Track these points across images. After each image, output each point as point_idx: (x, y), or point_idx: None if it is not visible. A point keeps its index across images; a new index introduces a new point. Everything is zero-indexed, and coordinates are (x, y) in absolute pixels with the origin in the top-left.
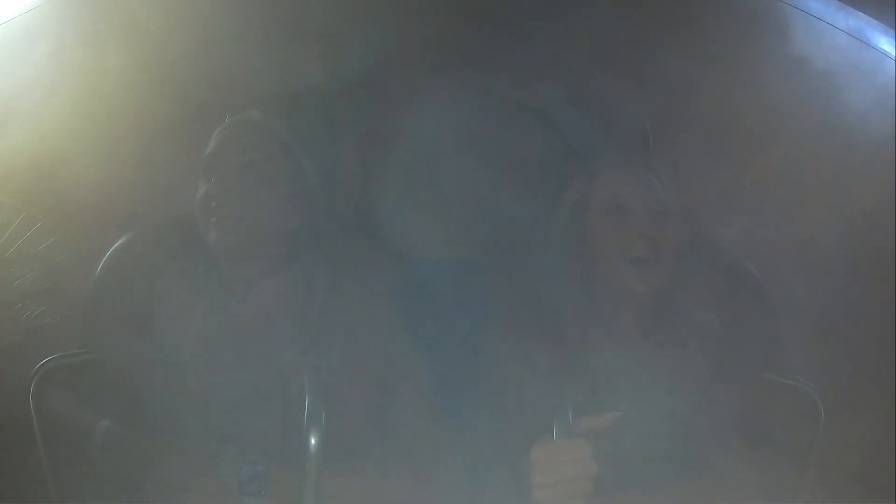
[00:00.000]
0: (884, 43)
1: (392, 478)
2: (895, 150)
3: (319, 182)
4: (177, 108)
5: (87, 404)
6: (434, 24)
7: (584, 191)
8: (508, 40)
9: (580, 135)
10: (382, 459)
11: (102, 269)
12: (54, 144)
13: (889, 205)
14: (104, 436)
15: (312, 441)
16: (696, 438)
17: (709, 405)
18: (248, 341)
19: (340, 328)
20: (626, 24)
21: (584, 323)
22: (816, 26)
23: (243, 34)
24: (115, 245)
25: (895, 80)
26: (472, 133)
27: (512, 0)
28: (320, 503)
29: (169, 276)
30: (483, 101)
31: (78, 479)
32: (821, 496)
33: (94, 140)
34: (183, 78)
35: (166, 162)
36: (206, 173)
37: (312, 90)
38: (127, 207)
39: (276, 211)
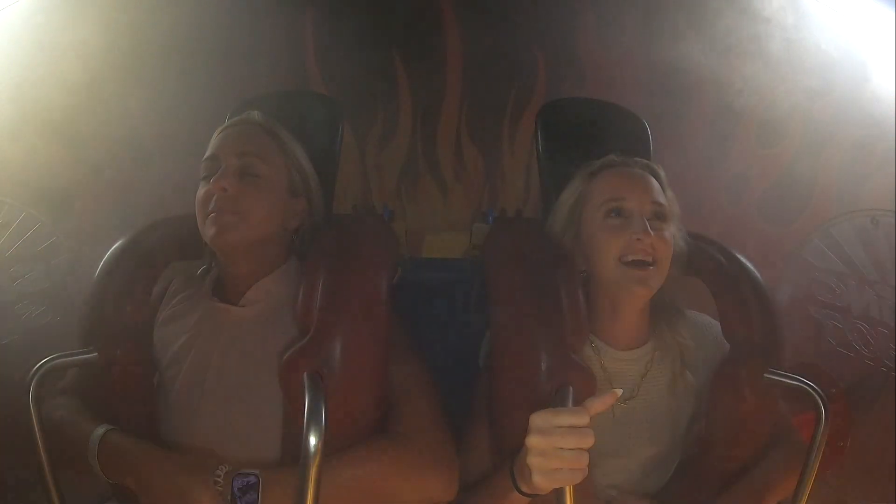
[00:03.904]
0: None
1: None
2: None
3: (318, 181)
4: (178, 108)
5: (86, 404)
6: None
7: (582, 191)
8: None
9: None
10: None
11: (102, 268)
12: (54, 144)
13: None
14: (103, 436)
15: (312, 441)
16: (695, 438)
17: (708, 405)
18: (247, 340)
19: (340, 327)
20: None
21: (583, 323)
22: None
23: (245, 34)
24: (116, 245)
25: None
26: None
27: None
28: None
29: (169, 274)
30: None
31: (77, 480)
32: (822, 496)
33: (94, 140)
34: (184, 78)
35: (167, 161)
36: (206, 173)
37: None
38: (128, 207)
39: (276, 210)
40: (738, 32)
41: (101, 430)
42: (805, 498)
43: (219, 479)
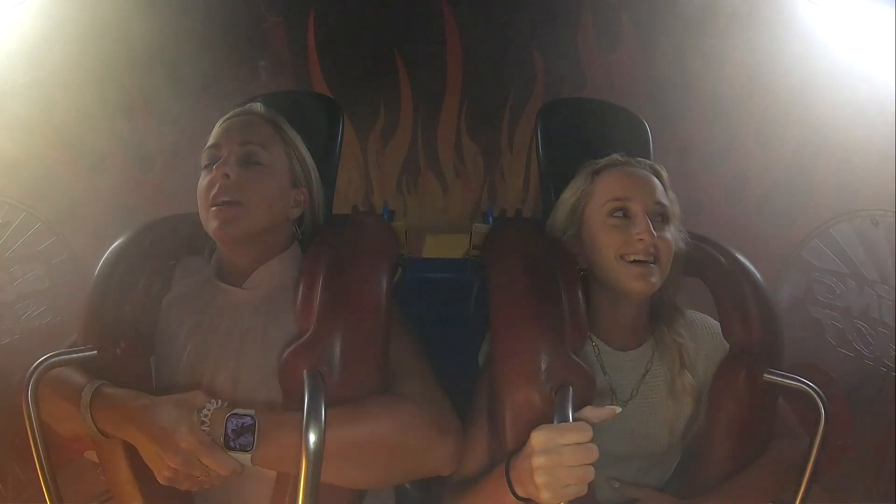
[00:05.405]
0: None
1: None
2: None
3: (318, 172)
4: (180, 109)
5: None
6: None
7: (584, 190)
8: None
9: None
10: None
11: (102, 268)
12: (57, 145)
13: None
14: (96, 389)
15: (312, 438)
16: (696, 438)
17: (708, 405)
18: (250, 323)
19: (340, 325)
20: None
21: (583, 322)
22: None
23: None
24: (115, 244)
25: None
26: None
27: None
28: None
29: (170, 269)
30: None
31: (77, 479)
32: (821, 496)
33: (96, 140)
34: (186, 80)
35: (168, 161)
36: (208, 162)
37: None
38: (128, 207)
39: (277, 199)
40: (737, 33)
41: (94, 383)
42: (805, 498)
43: (206, 418)
